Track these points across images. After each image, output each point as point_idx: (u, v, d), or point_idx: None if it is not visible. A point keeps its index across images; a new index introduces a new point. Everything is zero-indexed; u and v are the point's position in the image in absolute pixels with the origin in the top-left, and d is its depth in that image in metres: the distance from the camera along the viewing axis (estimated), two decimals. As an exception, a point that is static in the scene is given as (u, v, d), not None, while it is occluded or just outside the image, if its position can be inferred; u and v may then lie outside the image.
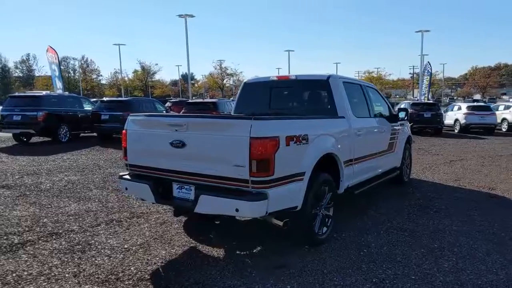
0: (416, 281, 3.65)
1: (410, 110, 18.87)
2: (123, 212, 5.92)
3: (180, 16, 28.29)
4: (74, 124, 15.86)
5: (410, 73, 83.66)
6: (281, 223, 4.08)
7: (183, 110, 16.50)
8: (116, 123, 15.33)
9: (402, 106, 16.97)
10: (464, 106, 21.05)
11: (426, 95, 30.32)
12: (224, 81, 69.41)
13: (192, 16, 28.47)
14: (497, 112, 21.09)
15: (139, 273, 3.87)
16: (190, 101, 18.64)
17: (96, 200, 6.59)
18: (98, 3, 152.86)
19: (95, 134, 16.75)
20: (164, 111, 18.01)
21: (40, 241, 4.70)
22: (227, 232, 5.12)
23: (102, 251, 4.42)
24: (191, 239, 4.76)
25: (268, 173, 3.61)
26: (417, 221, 5.46)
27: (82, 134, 17.08)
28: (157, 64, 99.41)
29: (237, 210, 3.63)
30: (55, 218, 5.59)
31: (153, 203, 4.72)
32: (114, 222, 5.44)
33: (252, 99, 6.08)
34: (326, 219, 4.63)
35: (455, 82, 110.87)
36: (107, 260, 4.16)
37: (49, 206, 6.23)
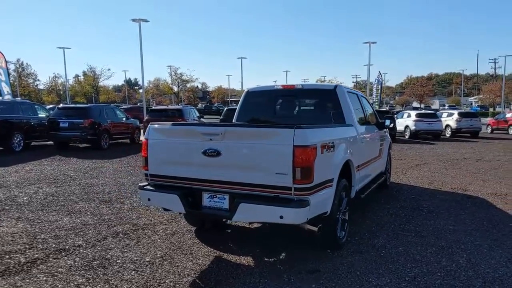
0: (444, 277, 3.93)
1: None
2: (124, 224, 5.70)
3: (134, 20, 27.50)
4: (28, 132, 14.81)
5: (353, 82, 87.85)
6: (315, 229, 4.19)
7: (146, 117, 16.04)
8: (76, 131, 14.64)
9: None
10: (413, 113, 22.56)
11: (377, 103, 32.15)
12: (180, 87, 67.99)
13: (146, 21, 27.83)
14: (441, 119, 22.87)
15: (177, 285, 3.78)
16: (154, 108, 18.16)
17: (88, 213, 6.27)
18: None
19: (50, 142, 15.79)
20: (125, 118, 17.42)
21: (50, 259, 4.40)
22: (243, 240, 5.12)
23: (124, 265, 4.24)
24: (212, 249, 4.71)
25: (310, 180, 3.72)
26: (415, 222, 5.83)
27: (33, 142, 15.99)
28: (109, 69, 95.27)
29: (281, 217, 3.68)
30: (53, 234, 5.25)
31: (180, 213, 4.60)
32: (120, 235, 5.22)
33: (255, 108, 6.13)
34: (344, 224, 4.82)
35: (393, 90, 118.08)
36: (136, 275, 4.00)
37: (39, 221, 5.82)
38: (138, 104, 58.91)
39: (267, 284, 3.79)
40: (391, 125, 7.62)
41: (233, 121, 6.16)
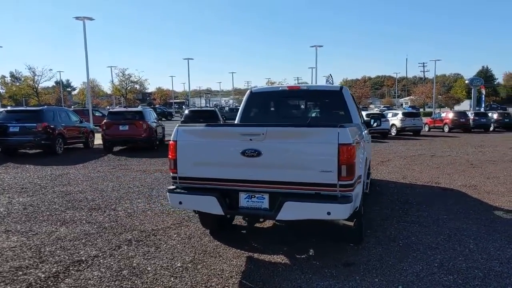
0: (466, 261, 4.28)
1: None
2: (131, 231, 5.45)
3: (77, 18, 25.94)
4: (-30, 139, 13.42)
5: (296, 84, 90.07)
6: (351, 223, 4.35)
7: (105, 120, 15.29)
8: (28, 136, 13.58)
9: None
10: (363, 114, 23.85)
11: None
12: (127, 89, 64.81)
13: (91, 19, 26.39)
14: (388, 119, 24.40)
15: (226, 287, 3.73)
16: (113, 110, 17.29)
17: (84, 222, 5.90)
18: None
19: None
20: (78, 121, 16.44)
21: (72, 271, 4.11)
22: (264, 239, 5.13)
23: (158, 272, 4.08)
24: (239, 250, 4.68)
25: (353, 177, 3.87)
26: (412, 214, 6.24)
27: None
28: (51, 69, 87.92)
29: (328, 213, 3.78)
30: (58, 245, 4.89)
31: (220, 215, 4.49)
32: (134, 242, 5.00)
33: (260, 108, 6.16)
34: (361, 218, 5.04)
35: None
36: (177, 281, 3.88)
37: (34, 233, 5.38)
38: (72, 107, 55.39)
39: (312, 279, 3.87)
40: (375, 125, 8.05)
41: (237, 121, 6.14)
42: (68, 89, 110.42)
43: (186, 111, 17.61)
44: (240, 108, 6.17)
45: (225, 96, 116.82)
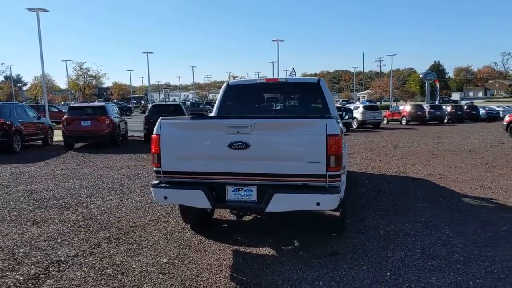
0: (445, 246, 4.47)
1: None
2: (108, 228, 5.25)
3: (30, 9, 24.47)
4: None
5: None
6: (337, 213, 4.41)
7: (65, 116, 14.60)
8: (-19, 133, 12.67)
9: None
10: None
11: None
12: (85, 83, 61.65)
13: (45, 10, 24.98)
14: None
15: (217, 281, 3.68)
16: (74, 105, 16.47)
17: (56, 221, 5.62)
18: None
19: None
20: (36, 117, 15.59)
21: (53, 272, 3.90)
22: (246, 232, 5.11)
23: (145, 269, 3.96)
24: (223, 244, 4.62)
25: (340, 167, 3.92)
26: (387, 203, 6.44)
27: None
28: (3, 63, 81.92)
29: (318, 204, 3.82)
30: (33, 246, 4.63)
31: (203, 209, 4.39)
32: (113, 240, 4.82)
33: (238, 101, 6.10)
34: None
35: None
36: (166, 277, 3.78)
37: (3, 234, 5.07)
38: (24, 103, 52.38)
39: (302, 270, 3.90)
40: (346, 117, 8.22)
41: (213, 114, 6.04)
42: (18, 84, 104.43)
43: (150, 106, 17.13)
44: (217, 101, 6.08)
45: (185, 90, 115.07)
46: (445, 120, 31.43)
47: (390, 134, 20.52)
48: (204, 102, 64.03)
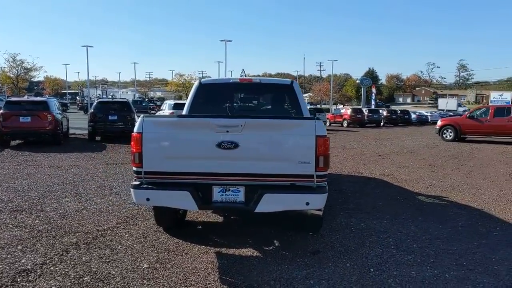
0: (414, 241, 4.75)
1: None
2: (73, 233, 4.89)
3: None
4: None
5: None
6: (320, 213, 4.49)
7: (2, 111, 13.34)
8: None
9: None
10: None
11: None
12: (19, 75, 55.91)
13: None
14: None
15: (208, 285, 3.58)
16: (11, 99, 14.98)
17: (10, 225, 5.13)
18: None
19: None
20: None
21: (22, 283, 3.55)
22: (223, 234, 5.02)
23: (126, 276, 3.74)
24: (204, 246, 4.50)
25: (327, 168, 4.01)
26: (351, 201, 6.68)
27: None
28: None
29: (307, 203, 3.87)
30: (-11, 255, 4.17)
31: (193, 210, 4.23)
32: (82, 245, 4.50)
33: (210, 100, 5.95)
34: None
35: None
36: (152, 282, 3.60)
37: (-51, 243, 4.50)
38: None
39: (290, 269, 3.92)
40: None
41: (184, 113, 5.87)
42: None
43: (96, 102, 16.19)
44: (188, 100, 5.90)
45: (124, 87, 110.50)
46: (382, 124, 33.43)
47: (335, 136, 21.34)
48: (147, 99, 61.93)
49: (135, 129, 3.97)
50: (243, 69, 36.25)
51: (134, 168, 4.04)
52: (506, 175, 9.50)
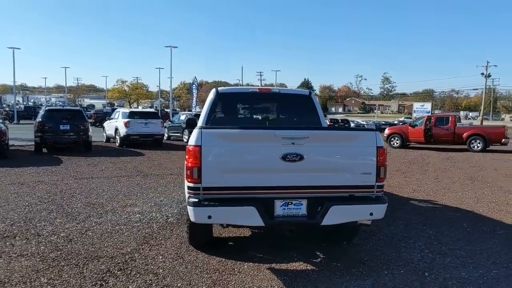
0: (441, 244, 4.99)
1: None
2: (97, 258, 4.41)
3: None
4: None
5: (157, 85, 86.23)
6: (369, 222, 4.51)
7: None
8: None
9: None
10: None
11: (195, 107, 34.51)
12: None
13: None
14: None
15: (288, 304, 3.42)
16: None
17: (12, 254, 4.48)
18: None
19: None
20: None
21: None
22: (262, 248, 4.82)
23: None
24: (250, 263, 4.30)
25: (385, 178, 4.07)
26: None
27: None
28: None
29: (371, 214, 3.89)
30: (15, 290, 3.59)
31: (259, 227, 4.00)
32: (118, 273, 4.07)
33: (228, 110, 5.79)
34: None
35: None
36: (227, 307, 3.35)
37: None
38: None
39: (353, 280, 3.92)
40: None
41: (201, 124, 5.59)
42: None
43: (44, 111, 14.76)
44: (205, 109, 5.63)
45: (48, 94, 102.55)
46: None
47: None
48: (80, 107, 57.67)
49: (192, 142, 3.70)
50: (195, 77, 35.55)
51: (191, 184, 3.75)
52: (468, 179, 10.39)
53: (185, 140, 21.33)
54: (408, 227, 5.79)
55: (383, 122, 43.52)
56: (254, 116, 5.97)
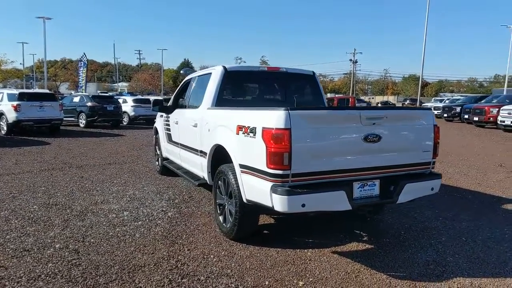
0: (483, 232, 5.48)
1: (92, 103, 18.38)
2: (142, 267, 3.69)
3: None
4: None
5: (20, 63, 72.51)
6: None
7: None
8: None
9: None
10: (130, 99, 22.68)
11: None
12: None
13: None
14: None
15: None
16: None
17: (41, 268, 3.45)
18: None
19: None
20: None
21: None
22: (295, 232, 4.63)
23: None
24: (311, 249, 4.11)
25: (437, 155, 4.26)
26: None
27: None
28: None
29: (432, 189, 4.07)
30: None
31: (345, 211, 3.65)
32: (183, 280, 3.47)
33: (237, 88, 5.41)
34: None
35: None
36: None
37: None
38: None
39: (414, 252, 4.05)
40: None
41: (209, 105, 5.04)
42: None
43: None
44: (213, 87, 5.04)
45: None
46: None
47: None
48: None
49: (281, 125, 3.30)
50: (84, 53, 31.37)
51: (279, 172, 3.35)
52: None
53: (81, 125, 18.91)
54: (437, 215, 5.54)
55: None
56: (261, 95, 5.64)
